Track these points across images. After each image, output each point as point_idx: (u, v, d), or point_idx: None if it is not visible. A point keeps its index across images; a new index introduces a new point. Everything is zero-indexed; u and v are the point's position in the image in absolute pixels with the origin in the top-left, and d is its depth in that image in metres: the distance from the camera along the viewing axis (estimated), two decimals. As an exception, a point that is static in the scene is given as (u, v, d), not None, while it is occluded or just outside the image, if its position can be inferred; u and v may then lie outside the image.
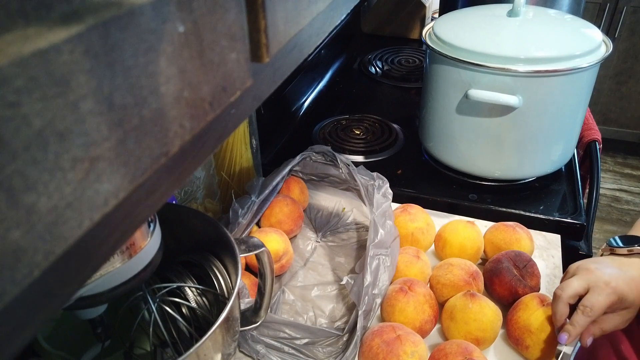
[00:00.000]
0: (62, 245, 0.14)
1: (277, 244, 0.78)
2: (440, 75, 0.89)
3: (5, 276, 0.13)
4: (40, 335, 0.54)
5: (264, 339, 0.66)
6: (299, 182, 0.93)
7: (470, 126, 0.89)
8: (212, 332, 0.46)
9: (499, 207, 0.93)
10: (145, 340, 0.60)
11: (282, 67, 0.30)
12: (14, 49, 0.12)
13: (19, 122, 0.12)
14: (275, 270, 0.82)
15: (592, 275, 0.59)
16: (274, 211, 0.85)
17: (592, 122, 1.20)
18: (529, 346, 0.65)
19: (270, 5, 0.23)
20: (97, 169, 0.15)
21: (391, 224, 0.77)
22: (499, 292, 0.73)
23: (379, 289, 0.70)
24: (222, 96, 0.21)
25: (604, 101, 2.60)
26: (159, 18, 0.16)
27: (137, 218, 0.19)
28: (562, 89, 0.82)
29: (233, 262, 0.56)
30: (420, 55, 1.55)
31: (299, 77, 1.23)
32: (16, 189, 0.12)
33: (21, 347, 0.14)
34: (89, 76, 0.14)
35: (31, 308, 0.14)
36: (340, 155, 0.91)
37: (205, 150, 0.23)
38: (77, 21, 0.13)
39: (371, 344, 0.63)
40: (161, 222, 0.49)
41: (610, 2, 2.36)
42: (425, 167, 1.04)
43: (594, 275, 0.59)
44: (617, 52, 2.44)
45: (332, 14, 0.37)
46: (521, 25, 0.86)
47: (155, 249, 0.47)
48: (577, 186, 0.97)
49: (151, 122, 0.17)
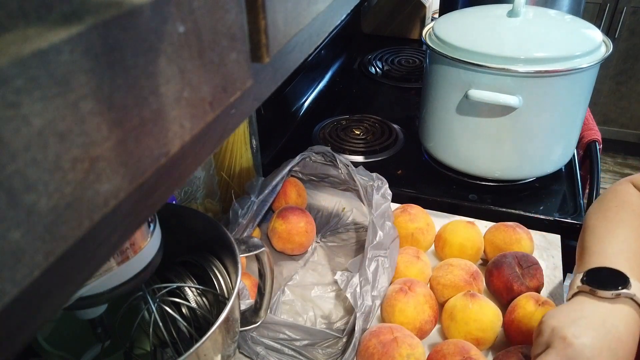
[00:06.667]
0: (62, 245, 0.14)
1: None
2: (440, 75, 0.89)
3: (5, 276, 0.13)
4: (40, 335, 0.54)
5: (263, 340, 0.66)
6: (296, 185, 0.93)
7: (470, 126, 0.89)
8: (212, 332, 0.46)
9: (499, 207, 0.93)
10: (145, 340, 0.60)
11: (282, 67, 0.30)
12: (14, 49, 0.12)
13: (19, 122, 0.12)
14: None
15: (571, 351, 0.48)
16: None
17: (592, 122, 1.20)
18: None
19: (270, 5, 0.23)
20: (97, 169, 0.15)
21: (390, 225, 0.77)
22: (495, 285, 0.73)
23: (378, 290, 0.70)
24: (222, 96, 0.21)
25: (604, 101, 2.60)
26: (159, 18, 0.16)
27: (137, 218, 0.19)
28: (562, 89, 0.82)
29: (233, 262, 0.56)
30: (420, 55, 1.55)
31: (299, 77, 1.23)
32: (16, 189, 0.12)
33: (21, 347, 0.14)
34: (89, 76, 0.14)
35: (31, 308, 0.14)
36: (340, 156, 0.91)
37: (205, 150, 0.23)
38: (77, 21, 0.13)
39: (367, 344, 0.63)
40: (161, 222, 0.49)
41: (610, 3, 2.36)
42: (425, 168, 1.04)
43: (574, 350, 0.48)
44: (617, 52, 2.44)
45: (332, 14, 0.37)
46: (521, 25, 0.86)
47: (155, 249, 0.47)
48: (577, 186, 0.97)
49: (151, 122, 0.17)
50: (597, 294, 0.53)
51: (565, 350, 0.49)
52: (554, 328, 0.51)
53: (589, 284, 0.54)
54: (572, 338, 0.49)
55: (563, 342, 0.49)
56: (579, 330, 0.50)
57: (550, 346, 0.50)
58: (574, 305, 0.54)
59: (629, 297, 0.52)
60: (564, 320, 0.51)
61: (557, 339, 0.50)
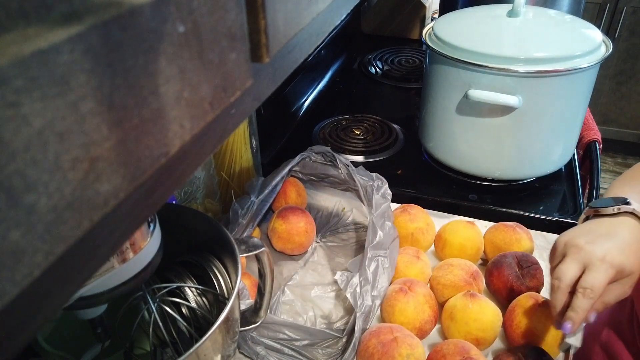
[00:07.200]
0: (62, 245, 0.14)
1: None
2: (440, 75, 0.89)
3: (5, 276, 0.13)
4: (40, 335, 0.54)
5: (263, 340, 0.66)
6: (296, 185, 0.93)
7: (470, 126, 0.89)
8: (212, 332, 0.46)
9: (499, 207, 0.93)
10: (145, 340, 0.60)
11: (282, 67, 0.30)
12: (14, 49, 0.12)
13: (19, 122, 0.12)
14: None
15: (584, 254, 0.55)
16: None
17: (592, 122, 1.20)
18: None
19: (270, 5, 0.23)
20: (97, 169, 0.15)
21: (390, 225, 0.77)
22: (495, 285, 0.73)
23: (378, 290, 0.70)
24: (222, 96, 0.21)
25: (604, 101, 2.60)
26: (159, 18, 0.16)
27: (137, 218, 0.19)
28: (562, 89, 0.82)
29: (233, 262, 0.56)
30: (420, 55, 1.55)
31: (299, 77, 1.23)
32: (16, 189, 0.12)
33: (21, 347, 0.14)
34: (89, 76, 0.14)
35: (31, 308, 0.14)
36: (340, 156, 0.91)
37: (205, 150, 0.23)
38: (77, 21, 0.13)
39: (367, 344, 0.63)
40: (161, 222, 0.49)
41: (610, 3, 2.36)
42: (425, 168, 1.04)
43: (586, 252, 0.55)
44: (617, 52, 2.44)
45: (332, 14, 0.37)
46: (521, 25, 0.86)
47: (155, 249, 0.47)
48: (577, 186, 0.97)
49: (151, 122, 0.17)
50: (601, 212, 0.60)
51: (579, 253, 0.55)
52: (567, 241, 0.58)
53: (593, 206, 0.61)
54: (584, 244, 0.56)
55: (577, 249, 0.56)
56: (588, 237, 0.56)
57: (566, 255, 0.57)
58: (581, 225, 0.61)
59: (629, 211, 0.58)
60: (574, 234, 0.58)
61: (571, 248, 0.57)
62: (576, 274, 0.55)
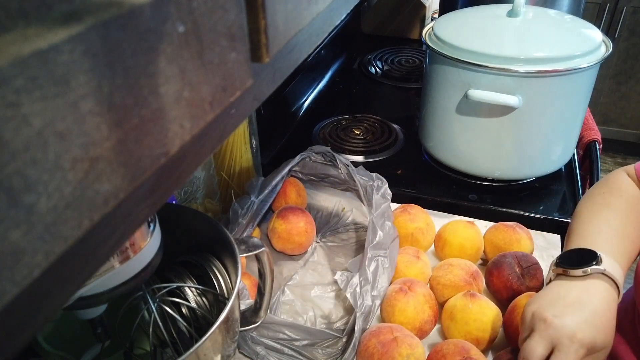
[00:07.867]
0: (62, 245, 0.14)
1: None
2: (440, 75, 0.89)
3: (5, 276, 0.13)
4: (40, 335, 0.54)
5: (263, 340, 0.66)
6: (296, 185, 0.93)
7: (470, 126, 0.89)
8: (212, 332, 0.46)
9: (499, 207, 0.93)
10: (145, 340, 0.60)
11: (282, 67, 0.30)
12: (14, 49, 0.12)
13: (19, 122, 0.12)
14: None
15: (552, 330, 0.51)
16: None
17: (592, 122, 1.20)
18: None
19: (270, 5, 0.23)
20: (97, 169, 0.15)
21: (390, 225, 0.77)
22: (495, 285, 0.73)
23: (378, 290, 0.70)
24: (222, 96, 0.21)
25: (604, 101, 2.60)
26: (159, 18, 0.16)
27: (137, 218, 0.19)
28: (562, 89, 0.82)
29: (233, 262, 0.56)
30: (420, 55, 1.55)
31: (299, 77, 1.23)
32: (16, 189, 0.12)
33: (21, 347, 0.14)
34: (89, 76, 0.14)
35: (31, 308, 0.14)
36: (340, 156, 0.91)
37: (205, 150, 0.23)
38: (77, 21, 0.13)
39: (367, 344, 0.63)
40: (161, 222, 0.49)
41: (610, 2, 2.36)
42: (425, 167, 1.04)
43: (555, 329, 0.51)
44: (617, 52, 2.44)
45: (332, 14, 0.37)
46: (521, 25, 0.86)
47: (155, 249, 0.47)
48: (577, 186, 0.97)
49: (151, 122, 0.17)
50: (569, 274, 0.56)
51: (547, 330, 0.52)
52: (534, 312, 0.54)
53: (562, 265, 0.57)
54: (552, 318, 0.52)
55: (544, 324, 0.52)
56: (557, 310, 0.53)
57: (534, 329, 0.53)
58: (550, 289, 0.57)
59: (600, 272, 0.55)
60: (542, 304, 0.54)
61: (538, 322, 0.53)
62: (544, 354, 0.51)
